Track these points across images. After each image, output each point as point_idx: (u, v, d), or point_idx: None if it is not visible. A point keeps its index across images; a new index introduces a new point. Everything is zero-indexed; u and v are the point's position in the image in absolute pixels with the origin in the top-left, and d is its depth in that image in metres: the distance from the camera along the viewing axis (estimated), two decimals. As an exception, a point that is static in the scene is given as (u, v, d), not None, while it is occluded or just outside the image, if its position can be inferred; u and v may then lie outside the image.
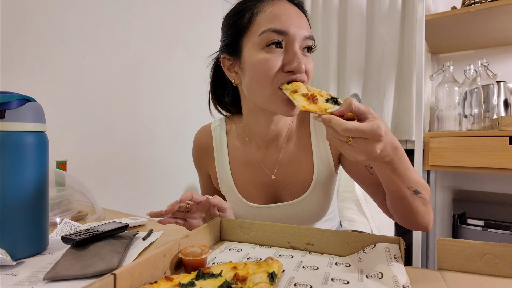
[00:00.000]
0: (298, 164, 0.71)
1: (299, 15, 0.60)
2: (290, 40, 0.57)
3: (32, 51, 0.99)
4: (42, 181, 0.51)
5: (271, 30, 0.57)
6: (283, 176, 0.72)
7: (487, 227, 1.36)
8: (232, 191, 0.74)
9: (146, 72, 1.35)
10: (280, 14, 0.58)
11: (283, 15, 0.58)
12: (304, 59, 0.58)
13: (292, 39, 0.57)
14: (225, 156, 0.75)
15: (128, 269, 0.35)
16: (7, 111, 0.47)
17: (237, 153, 0.75)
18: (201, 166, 0.81)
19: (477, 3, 1.28)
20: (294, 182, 0.72)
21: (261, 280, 0.37)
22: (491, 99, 1.31)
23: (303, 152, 0.71)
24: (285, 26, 0.57)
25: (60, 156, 0.99)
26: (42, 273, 0.43)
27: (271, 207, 0.72)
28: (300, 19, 0.60)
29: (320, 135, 0.70)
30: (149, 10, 1.36)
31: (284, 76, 0.57)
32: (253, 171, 0.73)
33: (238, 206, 0.75)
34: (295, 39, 0.57)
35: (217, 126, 0.80)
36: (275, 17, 0.58)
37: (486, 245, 0.42)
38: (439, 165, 1.27)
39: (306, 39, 0.59)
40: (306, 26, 0.60)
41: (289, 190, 0.72)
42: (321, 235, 0.51)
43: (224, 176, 0.75)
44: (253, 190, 0.73)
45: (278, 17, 0.58)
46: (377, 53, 1.81)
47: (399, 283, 0.37)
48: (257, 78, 0.59)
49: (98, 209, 0.77)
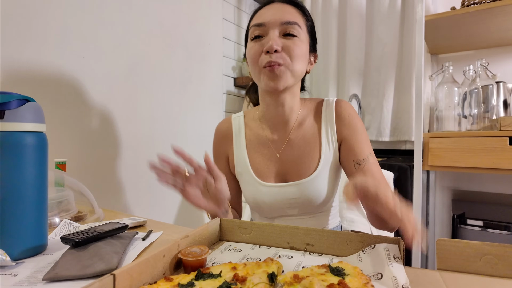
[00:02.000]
0: (307, 147, 0.78)
1: (282, 7, 0.71)
2: (266, 29, 0.70)
3: (32, 51, 0.99)
4: (41, 181, 0.51)
5: (253, 25, 0.72)
6: (291, 157, 0.79)
7: (486, 228, 1.36)
8: (247, 170, 0.81)
9: (146, 72, 1.35)
10: (264, 12, 0.72)
11: (265, 12, 0.72)
12: (283, 41, 0.69)
13: (268, 28, 0.70)
14: (243, 139, 0.83)
15: (127, 269, 0.35)
16: (7, 111, 0.47)
17: (252, 136, 0.83)
18: (220, 152, 0.87)
19: (477, 3, 1.28)
20: (301, 163, 0.78)
21: (261, 281, 0.37)
22: (491, 99, 1.31)
23: (312, 137, 0.79)
24: (262, 19, 0.71)
25: (59, 156, 0.99)
26: (42, 274, 0.43)
27: (280, 186, 0.78)
28: (282, 10, 0.71)
29: (330, 124, 0.78)
30: (148, 10, 1.36)
31: (264, 57, 0.69)
32: (264, 151, 0.81)
33: (251, 185, 0.81)
34: (270, 27, 0.70)
35: (237, 116, 0.89)
36: (259, 15, 0.73)
37: (485, 245, 0.42)
38: (439, 166, 1.27)
39: (283, 25, 0.69)
40: (288, 14, 0.70)
41: (297, 170, 0.78)
42: (321, 235, 0.51)
43: (240, 158, 0.82)
44: (265, 169, 0.80)
45: (261, 14, 0.72)
46: (376, 53, 1.82)
47: (398, 283, 0.37)
48: (249, 62, 0.74)
49: (98, 210, 0.77)
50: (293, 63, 0.69)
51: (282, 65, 0.68)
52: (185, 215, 1.58)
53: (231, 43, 1.86)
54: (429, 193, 1.68)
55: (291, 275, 0.38)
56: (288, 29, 0.69)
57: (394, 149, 1.85)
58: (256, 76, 0.73)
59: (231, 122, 0.87)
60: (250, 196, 0.81)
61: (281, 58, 0.68)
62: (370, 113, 1.86)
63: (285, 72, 0.69)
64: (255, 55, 0.71)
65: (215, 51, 1.74)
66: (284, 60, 0.68)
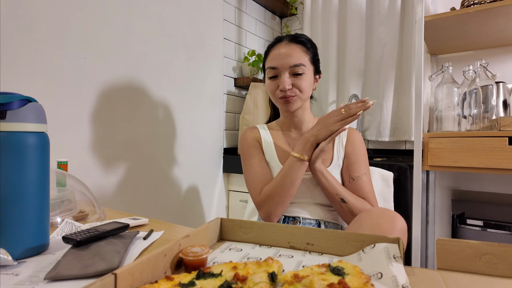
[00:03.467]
0: None
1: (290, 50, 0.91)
2: (279, 71, 0.91)
3: (33, 51, 0.99)
4: (43, 181, 0.51)
5: (268, 67, 0.94)
6: None
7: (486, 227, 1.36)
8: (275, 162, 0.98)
9: (147, 73, 1.36)
10: (275, 55, 0.92)
11: (276, 55, 0.92)
12: (293, 80, 0.91)
13: (280, 71, 0.91)
14: (270, 140, 1.02)
15: (128, 268, 0.35)
16: (8, 111, 0.47)
17: (278, 142, 1.02)
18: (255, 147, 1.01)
19: (476, 4, 1.28)
20: None
21: (261, 280, 0.37)
22: (490, 99, 1.31)
23: None
24: (275, 63, 0.91)
25: (61, 156, 0.99)
26: (43, 273, 0.43)
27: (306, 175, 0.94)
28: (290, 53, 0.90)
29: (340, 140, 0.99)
30: (149, 11, 1.36)
31: (280, 93, 0.92)
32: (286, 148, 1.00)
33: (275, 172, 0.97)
34: (281, 70, 0.91)
35: (261, 125, 1.08)
36: (272, 57, 0.93)
37: (485, 245, 0.42)
38: (438, 166, 1.27)
39: (292, 67, 0.90)
40: (294, 58, 0.90)
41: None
42: (321, 235, 0.51)
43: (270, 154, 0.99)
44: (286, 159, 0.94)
45: (273, 57, 0.93)
46: (376, 54, 1.82)
47: (398, 283, 0.37)
48: (269, 93, 0.97)
49: (99, 209, 0.77)
50: (301, 93, 0.92)
51: (294, 97, 0.91)
52: (186, 214, 1.58)
53: (231, 43, 1.86)
54: (428, 193, 1.68)
55: (291, 274, 0.38)
56: (296, 70, 0.90)
57: (394, 149, 1.85)
58: (274, 102, 0.97)
59: (258, 129, 1.05)
60: None
61: (292, 92, 0.91)
62: (370, 113, 1.86)
63: (296, 100, 0.92)
64: (272, 90, 0.94)
65: (216, 51, 1.74)
66: (294, 93, 0.91)
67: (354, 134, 1.00)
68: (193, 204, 1.62)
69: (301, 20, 2.18)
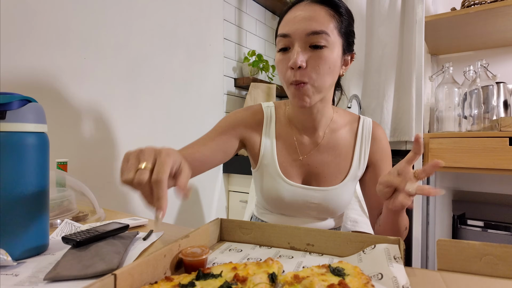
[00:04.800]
0: (337, 157, 0.78)
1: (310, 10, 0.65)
2: (292, 40, 0.65)
3: (33, 51, 0.99)
4: (42, 181, 0.51)
5: (279, 35, 0.68)
6: (319, 163, 0.78)
7: (487, 228, 1.36)
8: (273, 165, 0.78)
9: (147, 73, 1.36)
10: (289, 18, 0.67)
11: (291, 18, 0.66)
12: (309, 55, 0.64)
13: (293, 39, 0.65)
14: (273, 132, 0.80)
15: (128, 269, 0.35)
16: (8, 111, 0.47)
17: (282, 132, 0.81)
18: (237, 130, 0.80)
19: (477, 4, 1.28)
20: (329, 171, 0.78)
21: (261, 281, 0.37)
22: (491, 100, 1.31)
23: (344, 148, 0.79)
24: (287, 29, 0.66)
25: (60, 156, 0.99)
26: (43, 274, 0.43)
27: (303, 188, 0.77)
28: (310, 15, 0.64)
29: (365, 144, 0.79)
30: (149, 11, 1.36)
31: (290, 74, 0.66)
32: (290, 150, 0.80)
33: (274, 180, 0.78)
34: (295, 38, 0.65)
35: (268, 107, 0.84)
36: (285, 22, 0.68)
37: (486, 246, 0.42)
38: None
39: (309, 36, 0.63)
40: (315, 22, 0.63)
41: (323, 177, 0.78)
42: (321, 235, 0.51)
43: (268, 150, 0.80)
44: (290, 168, 0.79)
45: (286, 21, 0.67)
46: (376, 54, 1.82)
47: (399, 283, 0.37)
48: (278, 73, 0.71)
49: (99, 210, 0.77)
50: (319, 79, 0.65)
51: (307, 83, 0.65)
52: (186, 215, 1.58)
53: (231, 44, 1.86)
54: (429, 193, 1.68)
55: (291, 275, 0.38)
56: (315, 40, 0.63)
57: (394, 149, 1.85)
58: (285, 88, 0.71)
59: (262, 110, 0.83)
60: (271, 190, 0.79)
61: (306, 76, 0.64)
62: (370, 113, 1.86)
63: (310, 90, 0.66)
64: (282, 69, 0.68)
65: (216, 52, 1.74)
66: (309, 78, 0.65)
67: (380, 134, 0.80)
68: (193, 205, 1.62)
69: (302, 21, 2.18)
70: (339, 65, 0.70)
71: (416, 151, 0.54)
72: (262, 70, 1.90)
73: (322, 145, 0.78)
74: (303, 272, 0.39)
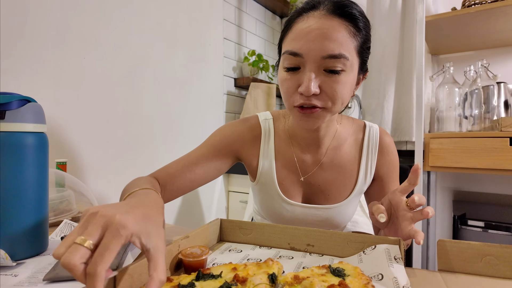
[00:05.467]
0: (342, 174, 0.73)
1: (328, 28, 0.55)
2: (305, 61, 0.56)
3: (33, 51, 0.99)
4: (42, 181, 0.51)
5: (288, 52, 0.58)
6: (321, 181, 0.73)
7: (487, 228, 1.36)
8: (273, 184, 0.73)
9: (147, 73, 1.36)
10: (301, 31, 0.57)
11: (304, 33, 0.56)
12: (324, 80, 0.56)
13: (306, 60, 0.56)
14: (272, 149, 0.74)
15: (127, 270, 0.35)
16: (7, 111, 0.47)
17: (281, 149, 0.74)
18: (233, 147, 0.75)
19: (477, 4, 1.28)
20: (333, 188, 0.73)
21: (261, 281, 0.37)
22: (491, 100, 1.31)
23: (349, 164, 0.73)
24: (299, 47, 0.56)
25: (60, 156, 0.99)
26: (42, 274, 0.43)
27: (306, 207, 0.73)
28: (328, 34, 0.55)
29: (372, 156, 0.73)
30: (149, 11, 1.36)
31: (299, 97, 0.58)
32: (291, 168, 0.74)
33: (274, 199, 0.74)
34: (309, 59, 0.56)
35: (265, 120, 0.77)
36: (296, 36, 0.57)
37: (486, 246, 0.42)
38: (439, 166, 1.27)
39: (326, 59, 0.55)
40: (332, 43, 0.54)
41: (326, 195, 0.73)
42: (321, 236, 0.51)
43: (267, 169, 0.74)
44: (291, 187, 0.74)
45: (298, 35, 0.57)
46: (377, 54, 1.82)
47: (399, 284, 0.36)
48: (282, 93, 0.62)
49: (98, 210, 0.77)
50: (333, 105, 0.58)
51: (318, 108, 0.58)
52: (186, 215, 1.58)
53: (231, 43, 1.86)
54: (429, 193, 1.68)
55: (291, 275, 0.38)
56: (331, 64, 0.55)
57: (394, 149, 1.85)
58: (287, 108, 0.63)
59: (260, 124, 0.76)
60: (270, 208, 0.76)
61: (318, 101, 0.57)
62: (371, 113, 1.86)
63: (322, 115, 0.59)
64: (288, 90, 0.59)
65: (216, 51, 1.74)
66: (323, 103, 0.57)
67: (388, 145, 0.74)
68: (192, 205, 1.62)
69: (302, 20, 2.18)
70: (354, 86, 0.62)
71: (412, 182, 0.51)
72: (262, 70, 1.90)
73: (324, 163, 0.73)
74: (303, 272, 0.39)
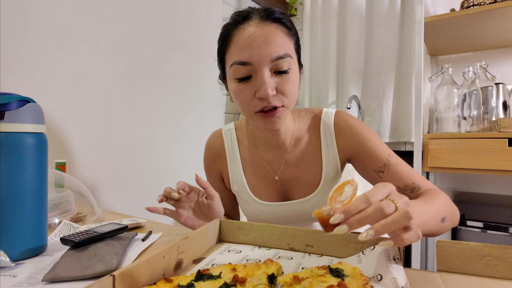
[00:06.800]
0: (306, 165, 0.75)
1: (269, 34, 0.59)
2: (255, 68, 0.59)
3: (32, 52, 0.99)
4: (41, 182, 0.51)
5: (236, 63, 0.60)
6: (290, 176, 0.76)
7: (486, 229, 1.36)
8: (245, 190, 0.78)
9: (146, 74, 1.36)
10: (245, 42, 0.59)
11: (248, 41, 0.59)
12: (277, 81, 0.60)
13: (257, 67, 0.59)
14: (237, 157, 0.79)
15: (127, 270, 0.35)
16: (7, 112, 0.47)
17: (247, 155, 0.79)
18: (213, 169, 0.84)
19: (476, 5, 1.28)
20: (302, 181, 0.75)
21: (260, 282, 0.37)
22: (490, 101, 1.32)
23: (311, 154, 0.75)
24: (248, 56, 0.58)
25: (59, 157, 0.99)
26: (41, 275, 0.43)
27: (281, 205, 0.76)
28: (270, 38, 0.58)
29: (329, 140, 0.74)
30: (148, 11, 1.36)
31: (258, 102, 0.61)
32: (261, 172, 0.77)
33: (250, 204, 0.78)
34: (260, 65, 0.58)
35: (228, 130, 0.83)
36: (240, 47, 0.60)
37: (485, 247, 0.42)
38: (438, 167, 1.27)
39: (274, 61, 0.59)
40: (277, 46, 0.59)
41: (298, 189, 0.76)
42: (320, 236, 0.51)
43: (236, 177, 0.79)
44: (263, 189, 0.77)
45: (243, 47, 0.59)
46: (376, 55, 1.82)
47: (398, 285, 0.37)
48: (238, 104, 0.65)
49: (97, 211, 0.77)
50: (290, 102, 0.63)
51: (279, 107, 0.61)
52: (185, 216, 1.57)
53: (231, 44, 1.86)
54: (428, 194, 1.68)
55: (290, 276, 0.38)
56: (280, 65, 0.59)
57: (393, 150, 1.85)
58: (247, 117, 0.66)
59: (222, 138, 0.82)
60: (250, 212, 0.80)
61: (277, 101, 0.60)
62: (370, 114, 1.86)
63: (283, 113, 0.63)
64: (245, 99, 0.61)
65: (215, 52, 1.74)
66: (281, 102, 0.61)
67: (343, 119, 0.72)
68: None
69: (301, 21, 2.19)
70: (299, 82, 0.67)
71: None
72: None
73: (288, 159, 0.75)
74: (303, 273, 0.39)
